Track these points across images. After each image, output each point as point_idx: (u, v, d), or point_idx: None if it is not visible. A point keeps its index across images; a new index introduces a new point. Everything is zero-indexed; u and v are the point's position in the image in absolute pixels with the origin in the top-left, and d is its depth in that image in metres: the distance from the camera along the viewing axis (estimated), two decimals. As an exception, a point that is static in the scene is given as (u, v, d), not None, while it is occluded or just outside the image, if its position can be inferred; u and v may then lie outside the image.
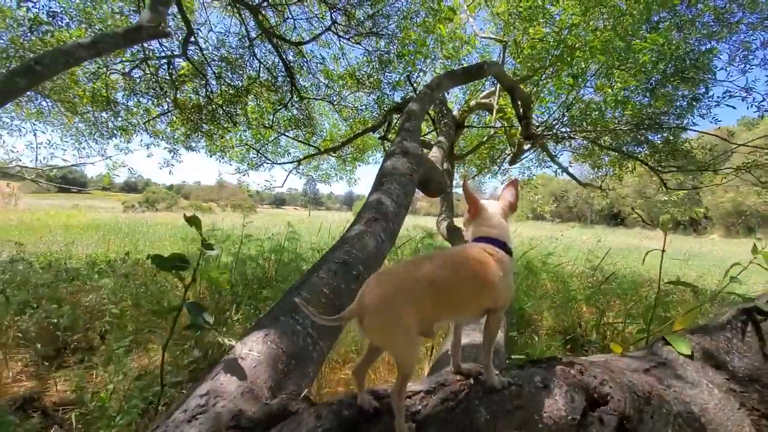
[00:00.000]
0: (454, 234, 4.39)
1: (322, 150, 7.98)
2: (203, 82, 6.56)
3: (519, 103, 4.98)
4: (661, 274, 1.96)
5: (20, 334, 3.88)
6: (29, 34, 5.22)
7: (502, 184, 9.52)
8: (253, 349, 1.31)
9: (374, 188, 2.45)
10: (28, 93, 6.98)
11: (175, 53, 6.09)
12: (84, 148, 8.49)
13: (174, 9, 5.32)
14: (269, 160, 8.45)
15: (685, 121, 5.79)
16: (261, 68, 6.83)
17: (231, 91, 6.94)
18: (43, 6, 5.39)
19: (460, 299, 1.03)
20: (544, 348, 3.45)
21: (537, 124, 5.81)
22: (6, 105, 6.95)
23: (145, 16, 2.75)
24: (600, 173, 7.86)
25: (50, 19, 5.32)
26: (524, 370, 1.09)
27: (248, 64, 6.79)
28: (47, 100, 7.39)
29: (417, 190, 2.93)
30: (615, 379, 1.08)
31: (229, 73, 6.78)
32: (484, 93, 6.36)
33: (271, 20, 6.33)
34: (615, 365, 1.18)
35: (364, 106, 7.90)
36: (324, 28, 6.59)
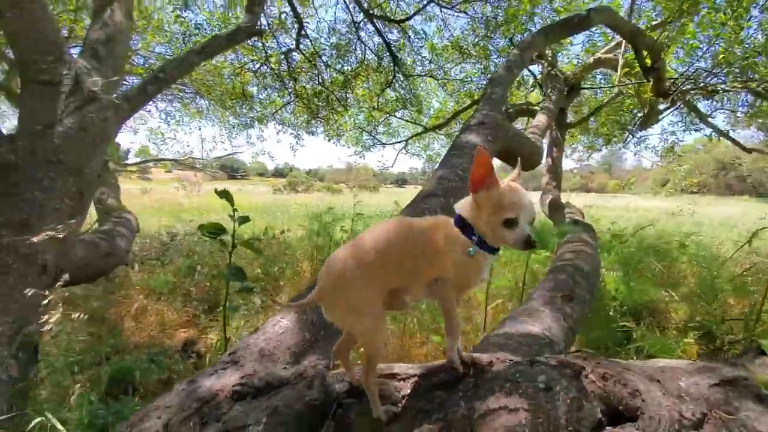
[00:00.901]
0: (556, 210, 3.89)
1: (427, 128, 7.87)
2: (316, 71, 7.08)
3: (644, 52, 4.00)
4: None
5: (185, 293, 4.89)
6: (183, 44, 6.39)
7: (635, 155, 7.90)
8: (285, 317, 1.42)
9: (441, 164, 2.34)
10: (189, 94, 8.62)
11: (290, 48, 6.71)
12: (234, 138, 10.12)
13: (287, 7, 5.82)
14: (379, 141, 8.72)
15: None
16: (366, 51, 7.02)
17: (340, 77, 7.32)
18: (191, 19, 6.52)
19: (406, 267, 0.97)
20: (673, 345, 2.84)
21: (676, 76, 4.60)
22: (157, 108, 8.66)
23: (243, 18, 3.12)
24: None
25: (197, 30, 6.41)
26: (533, 367, 0.94)
27: (354, 48, 7.04)
28: (204, 99, 8.99)
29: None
30: (655, 391, 0.84)
31: (338, 60, 7.16)
32: (605, 48, 5.30)
33: (368, 1, 6.40)
34: (671, 374, 0.92)
35: (469, 78, 7.47)
36: (426, 2, 6.39)
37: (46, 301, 1.96)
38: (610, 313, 3.13)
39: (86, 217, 2.78)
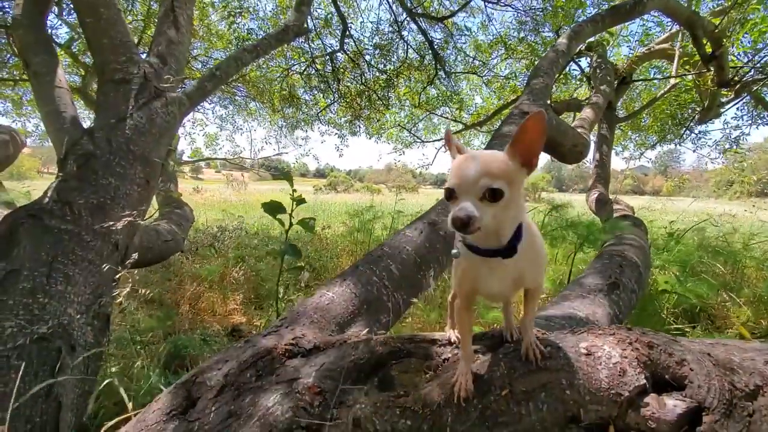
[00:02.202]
0: (603, 206, 3.72)
1: (467, 125, 7.79)
2: (359, 71, 7.25)
3: (704, 40, 3.72)
4: None
5: (234, 281, 5.18)
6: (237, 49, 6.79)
7: (694, 151, 7.28)
8: (330, 290, 1.50)
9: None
10: (242, 97, 9.11)
11: (335, 49, 6.91)
12: (281, 140, 10.58)
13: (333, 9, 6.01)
14: (419, 138, 8.74)
15: None
16: (408, 50, 7.08)
17: (383, 77, 7.44)
18: (243, 25, 6.90)
19: None
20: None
21: (741, 64, 4.23)
22: (214, 107, 9.24)
23: (290, 17, 3.29)
24: None
25: (250, 34, 6.78)
26: (575, 334, 0.94)
27: (396, 47, 7.13)
28: (255, 102, 9.47)
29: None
30: (705, 361, 0.83)
31: (381, 59, 7.28)
32: (659, 38, 4.98)
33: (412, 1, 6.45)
34: (723, 349, 0.89)
35: (514, 74, 7.30)
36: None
37: (119, 275, 2.18)
38: (663, 314, 2.97)
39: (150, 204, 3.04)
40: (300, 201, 1.75)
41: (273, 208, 1.72)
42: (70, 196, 2.25)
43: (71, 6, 5.92)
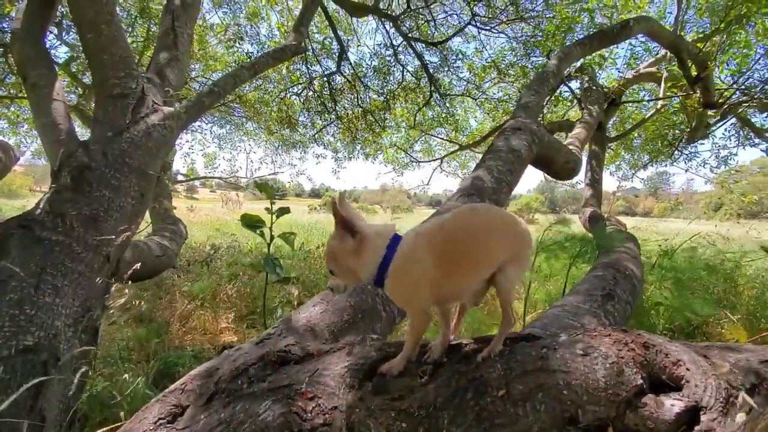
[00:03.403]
0: (596, 222, 3.76)
1: (462, 146, 7.91)
2: (356, 93, 7.39)
3: (689, 62, 3.86)
4: None
5: (225, 299, 5.10)
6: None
7: (686, 171, 7.42)
8: (325, 298, 1.49)
9: (477, 166, 2.38)
10: (240, 116, 9.22)
11: (332, 71, 7.06)
12: (275, 160, 10.67)
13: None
14: (415, 159, 8.84)
15: None
16: (404, 73, 7.26)
17: (380, 99, 7.59)
18: (243, 49, 7.05)
19: None
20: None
21: (725, 86, 4.38)
22: (215, 125, 9.38)
23: (290, 37, 3.37)
24: None
25: (249, 57, 6.92)
26: (570, 336, 0.94)
27: (394, 70, 7.30)
28: (252, 123, 9.58)
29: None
30: (701, 362, 0.82)
31: (377, 82, 7.43)
32: (646, 62, 5.16)
33: (408, 25, 6.65)
34: (718, 351, 0.89)
35: (507, 97, 7.49)
36: (463, 23, 6.58)
37: (112, 289, 2.14)
38: (658, 330, 2.96)
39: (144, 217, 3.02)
40: (282, 212, 1.75)
41: (251, 221, 1.71)
42: (63, 208, 2.22)
43: (70, 26, 6.03)
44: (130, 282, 3.03)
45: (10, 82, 6.92)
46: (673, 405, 0.77)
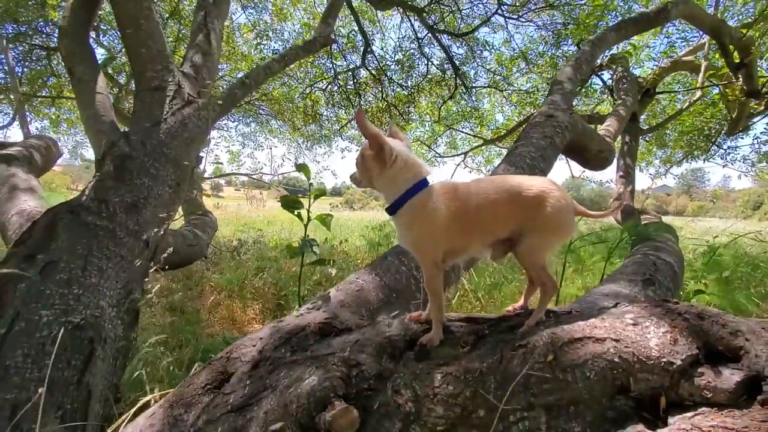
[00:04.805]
0: (629, 216, 3.63)
1: (486, 140, 7.79)
2: (380, 87, 7.40)
3: (731, 47, 3.65)
4: None
5: (254, 290, 5.22)
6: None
7: (724, 167, 7.05)
8: (360, 278, 1.50)
9: (508, 153, 2.35)
10: (264, 115, 9.41)
11: (357, 65, 7.10)
12: (299, 157, 10.83)
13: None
14: (438, 154, 8.77)
15: None
16: (429, 65, 7.21)
17: (405, 92, 7.57)
18: (270, 46, 7.18)
19: None
20: None
21: None
22: (238, 119, 9.62)
23: (318, 29, 3.42)
24: None
25: (275, 54, 7.04)
26: (618, 307, 0.92)
27: (418, 63, 7.27)
28: (276, 120, 9.76)
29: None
30: (761, 332, 0.79)
31: (402, 75, 7.42)
32: (685, 50, 4.91)
33: (434, 17, 6.60)
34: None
35: (535, 88, 7.32)
36: (490, 13, 6.48)
37: (150, 272, 2.23)
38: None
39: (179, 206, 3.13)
40: (320, 193, 1.79)
41: (291, 203, 1.76)
42: (106, 195, 2.32)
43: (107, 29, 6.29)
44: (166, 268, 3.14)
45: (51, 84, 7.26)
46: (732, 374, 0.74)
